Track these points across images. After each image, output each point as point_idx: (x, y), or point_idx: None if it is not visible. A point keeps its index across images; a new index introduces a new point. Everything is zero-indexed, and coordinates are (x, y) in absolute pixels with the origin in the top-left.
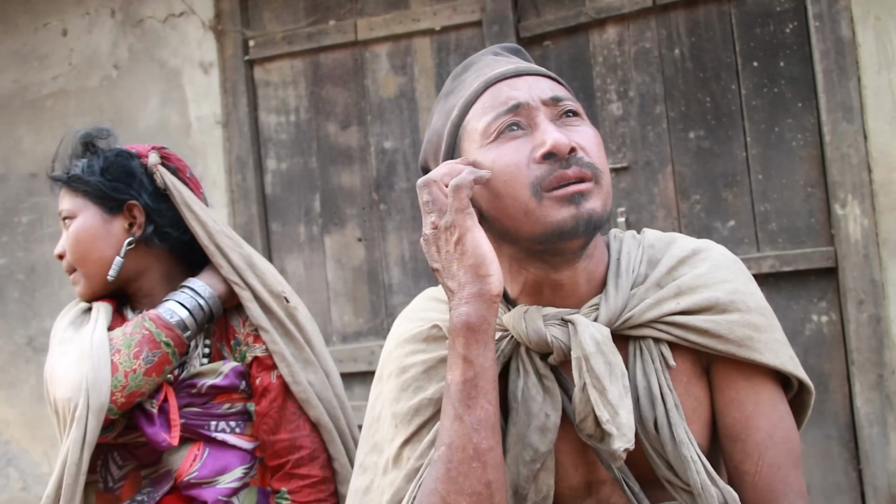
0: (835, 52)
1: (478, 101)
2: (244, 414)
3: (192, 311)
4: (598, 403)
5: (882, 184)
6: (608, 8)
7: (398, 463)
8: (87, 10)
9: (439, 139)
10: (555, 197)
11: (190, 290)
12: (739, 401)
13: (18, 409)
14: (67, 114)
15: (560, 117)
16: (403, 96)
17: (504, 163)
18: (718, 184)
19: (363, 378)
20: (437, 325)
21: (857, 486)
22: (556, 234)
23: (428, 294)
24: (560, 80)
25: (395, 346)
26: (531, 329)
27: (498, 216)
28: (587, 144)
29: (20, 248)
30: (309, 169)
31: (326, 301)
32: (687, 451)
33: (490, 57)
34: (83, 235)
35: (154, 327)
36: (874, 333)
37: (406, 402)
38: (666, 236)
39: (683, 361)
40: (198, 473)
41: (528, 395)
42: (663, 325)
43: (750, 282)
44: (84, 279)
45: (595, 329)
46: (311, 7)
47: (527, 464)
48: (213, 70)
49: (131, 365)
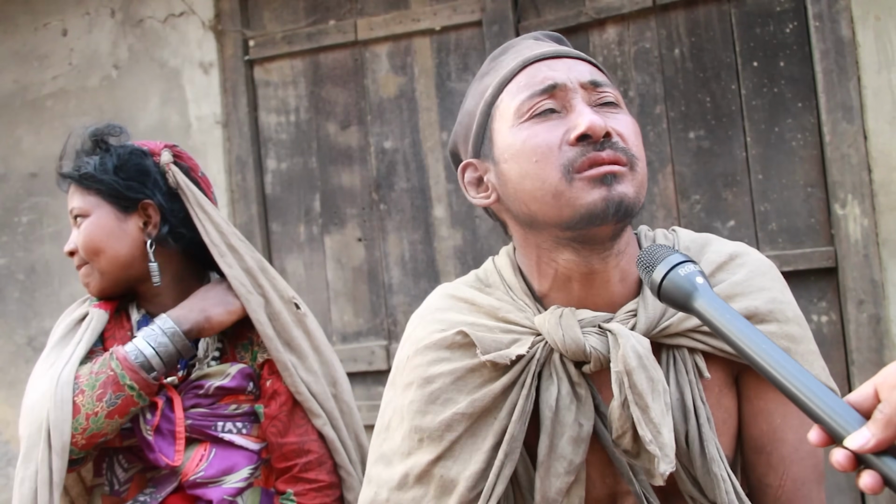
0: (835, 52)
1: (513, 80)
2: (251, 415)
3: (157, 351)
4: (640, 422)
5: (882, 184)
6: (608, 8)
7: (424, 480)
8: (87, 10)
9: (471, 120)
10: (586, 178)
11: (157, 327)
12: (768, 412)
13: (18, 409)
14: (67, 114)
15: (598, 103)
16: (403, 96)
17: (535, 143)
18: (718, 184)
19: (363, 378)
20: (462, 331)
21: (857, 485)
22: (586, 218)
23: (444, 291)
24: (601, 67)
25: (414, 352)
26: (569, 337)
27: (525, 200)
28: (624, 131)
29: (20, 248)
30: (309, 169)
31: (326, 301)
32: (717, 468)
33: (530, 41)
34: (98, 234)
35: (119, 369)
36: (874, 333)
37: (435, 416)
38: (700, 238)
39: (715, 371)
40: (204, 473)
41: (561, 403)
42: (699, 335)
43: (786, 289)
44: (98, 275)
45: (636, 341)
46: (311, 7)
47: (560, 476)
48: (213, 70)
49: (93, 408)
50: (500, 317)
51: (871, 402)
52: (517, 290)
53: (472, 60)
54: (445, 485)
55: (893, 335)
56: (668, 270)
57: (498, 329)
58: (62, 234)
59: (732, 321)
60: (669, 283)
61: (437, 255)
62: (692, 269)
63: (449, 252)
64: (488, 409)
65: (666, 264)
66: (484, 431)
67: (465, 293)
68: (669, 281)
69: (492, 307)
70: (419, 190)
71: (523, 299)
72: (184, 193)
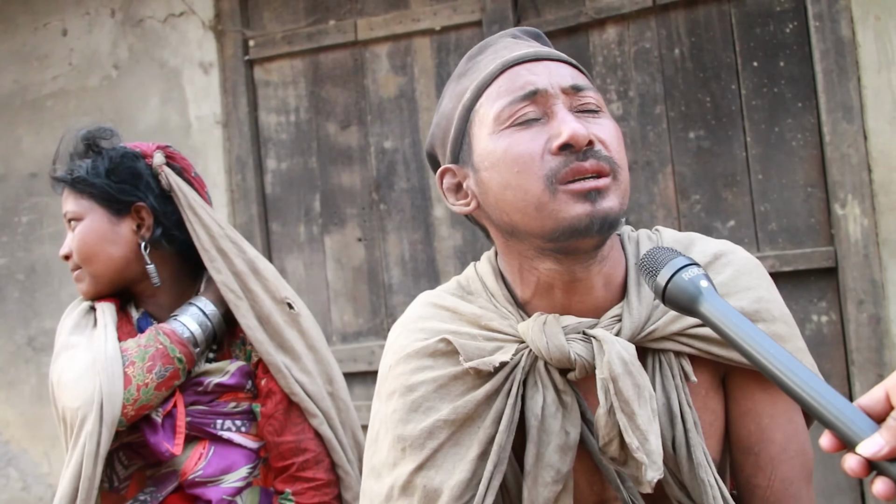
0: (835, 52)
1: (493, 84)
2: (249, 413)
3: (201, 327)
4: (626, 429)
5: (882, 184)
6: (608, 8)
7: (408, 491)
8: (87, 10)
9: (448, 123)
10: (570, 191)
11: (197, 307)
12: (756, 412)
13: (18, 409)
14: (67, 114)
15: (579, 108)
16: (403, 96)
17: (517, 152)
18: (718, 184)
19: (363, 378)
20: (446, 339)
21: (857, 486)
22: (569, 232)
23: (426, 299)
24: (581, 69)
25: (396, 361)
26: (553, 345)
27: (506, 210)
28: (606, 137)
29: (20, 248)
30: (309, 169)
31: (326, 301)
32: (705, 474)
33: (508, 39)
34: (91, 238)
35: (168, 342)
36: (874, 333)
37: (417, 424)
38: (684, 237)
39: (701, 373)
40: (203, 472)
41: (547, 412)
42: (685, 338)
43: (772, 287)
44: (90, 278)
45: (621, 347)
46: (311, 7)
47: (548, 485)
48: (213, 70)
49: (144, 379)
50: (482, 324)
51: (882, 406)
52: (500, 298)
53: None
54: (429, 495)
55: (893, 335)
56: (673, 274)
57: (481, 337)
58: (62, 234)
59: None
60: (674, 287)
61: (437, 255)
62: (696, 272)
63: (449, 252)
64: (471, 417)
65: (670, 268)
66: (468, 440)
67: (447, 301)
68: (674, 285)
69: (474, 315)
70: (419, 190)
71: (506, 306)
72: (176, 196)
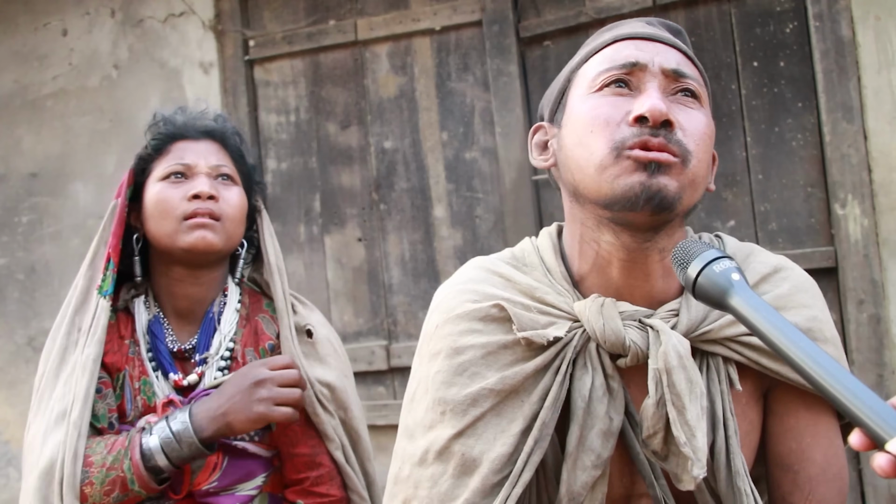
0: (835, 52)
1: (601, 52)
2: None
3: (170, 458)
4: (675, 422)
5: (882, 184)
6: (608, 8)
7: (444, 456)
8: (87, 10)
9: (556, 85)
10: (631, 157)
11: (175, 433)
12: (798, 430)
13: (18, 409)
14: (67, 114)
15: (675, 93)
16: (403, 96)
17: (596, 114)
18: (718, 184)
19: (363, 378)
20: (499, 305)
21: (857, 486)
22: (620, 201)
23: (479, 263)
24: (697, 64)
25: (444, 321)
26: (609, 328)
27: (572, 167)
28: (688, 126)
29: (20, 248)
30: (309, 169)
31: (326, 301)
32: (742, 483)
33: (638, 21)
34: (241, 210)
35: (130, 473)
36: (874, 333)
37: (461, 389)
38: (745, 247)
39: (745, 383)
40: (217, 483)
41: (594, 395)
42: (736, 345)
43: (826, 308)
44: (226, 236)
45: (678, 340)
46: (311, 7)
47: (587, 469)
48: (213, 70)
49: (100, 499)
50: (537, 297)
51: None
52: (556, 274)
53: (472, 60)
54: (466, 464)
55: (893, 335)
56: (704, 266)
57: (535, 309)
58: (62, 234)
59: (769, 318)
60: (705, 279)
61: (437, 255)
62: (728, 265)
63: (449, 252)
64: (517, 390)
65: (701, 260)
66: (511, 413)
67: (502, 268)
68: (705, 277)
69: (529, 286)
70: (419, 190)
71: (562, 283)
72: (259, 210)
